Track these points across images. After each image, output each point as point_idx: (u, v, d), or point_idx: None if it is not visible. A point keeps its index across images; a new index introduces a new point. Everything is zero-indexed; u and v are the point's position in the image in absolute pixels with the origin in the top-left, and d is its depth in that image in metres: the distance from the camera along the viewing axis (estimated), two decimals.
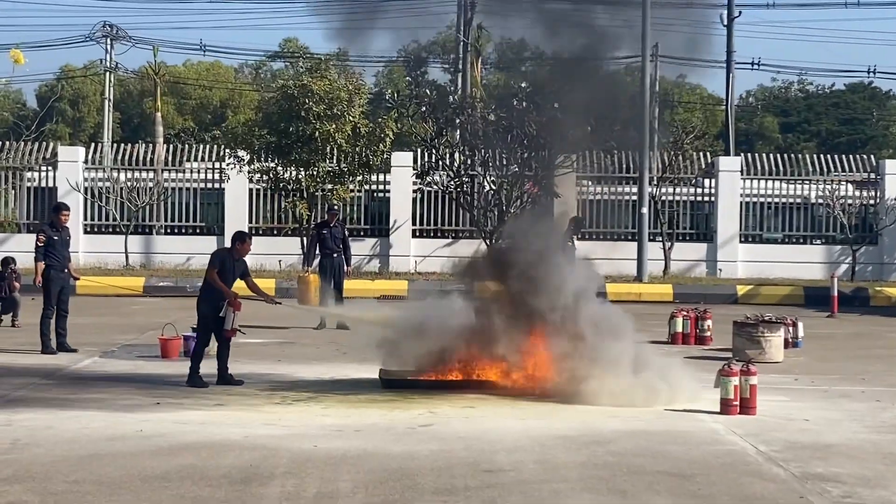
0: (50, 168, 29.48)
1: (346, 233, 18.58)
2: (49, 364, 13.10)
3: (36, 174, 29.75)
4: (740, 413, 10.14)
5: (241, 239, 12.27)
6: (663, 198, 29.49)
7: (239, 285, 12.01)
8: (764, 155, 31.81)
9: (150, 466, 7.93)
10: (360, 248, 28.90)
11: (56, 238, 14.21)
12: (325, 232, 17.74)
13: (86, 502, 7.01)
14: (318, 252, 18.00)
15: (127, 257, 27.82)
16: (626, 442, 9.03)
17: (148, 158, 30.58)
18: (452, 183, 28.27)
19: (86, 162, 29.78)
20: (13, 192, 30.03)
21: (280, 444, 8.72)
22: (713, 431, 9.55)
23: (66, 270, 14.34)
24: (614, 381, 10.68)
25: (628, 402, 10.46)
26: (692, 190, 30.57)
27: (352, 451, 8.53)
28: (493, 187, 28.05)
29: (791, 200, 30.55)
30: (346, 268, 17.99)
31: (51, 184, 29.19)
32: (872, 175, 30.24)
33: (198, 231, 30.06)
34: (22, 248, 24.43)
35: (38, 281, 14.14)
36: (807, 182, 30.50)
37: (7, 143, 30.91)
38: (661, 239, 28.86)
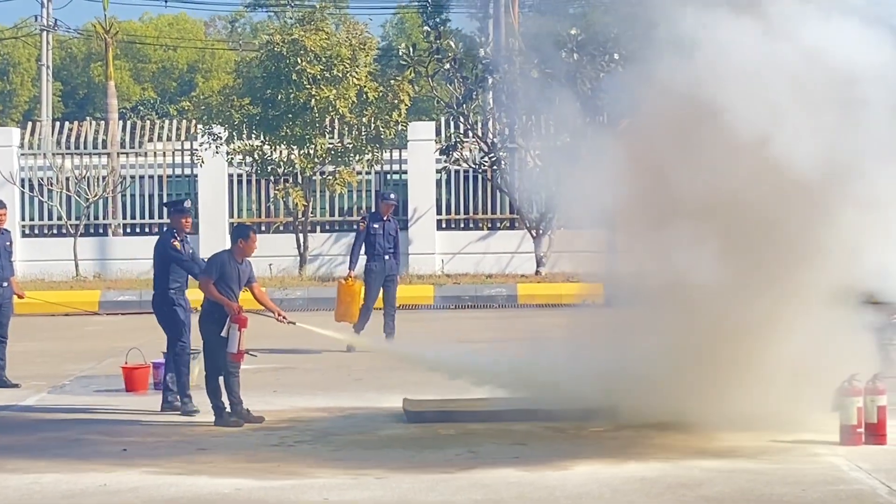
0: None
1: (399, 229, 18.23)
2: None
3: None
4: (866, 443, 10.12)
5: (243, 235, 12.30)
6: None
7: (245, 296, 12.09)
8: None
9: None
10: None
11: None
12: (376, 226, 17.35)
13: None
14: (364, 252, 17.63)
15: (77, 265, 27.98)
16: (723, 484, 9.01)
17: (100, 140, 30.76)
18: (487, 159, 28.31)
19: (21, 146, 30.00)
20: None
21: (281, 498, 8.76)
22: (833, 467, 9.52)
23: (5, 285, 14.44)
24: None
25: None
26: None
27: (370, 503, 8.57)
28: (539, 164, 28.07)
29: None
30: (397, 276, 17.79)
31: None
32: None
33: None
34: None
35: None
36: None
37: None
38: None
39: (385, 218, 17.49)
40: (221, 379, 11.84)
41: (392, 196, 18.16)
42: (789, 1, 10.87)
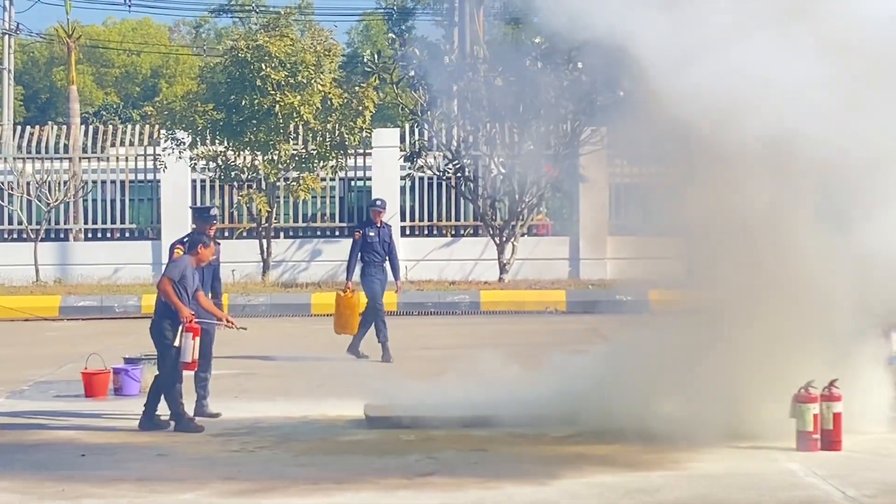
0: None
1: (392, 235, 17.98)
2: None
3: None
4: (822, 449, 10.21)
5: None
6: None
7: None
8: None
9: None
10: (335, 252, 28.92)
11: None
12: (372, 234, 17.16)
13: None
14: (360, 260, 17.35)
15: (37, 270, 27.85)
16: (681, 489, 9.09)
17: (61, 144, 30.64)
18: (450, 166, 28.38)
19: None
20: None
21: None
22: (789, 473, 9.61)
23: None
24: None
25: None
26: None
27: None
28: (502, 171, 28.15)
29: None
30: (396, 281, 17.64)
31: None
32: None
33: (127, 235, 30.16)
34: None
35: None
36: None
37: None
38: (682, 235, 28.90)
39: (378, 224, 17.34)
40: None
41: (379, 202, 17.97)
42: None
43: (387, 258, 17.24)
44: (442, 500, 8.84)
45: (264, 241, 28.03)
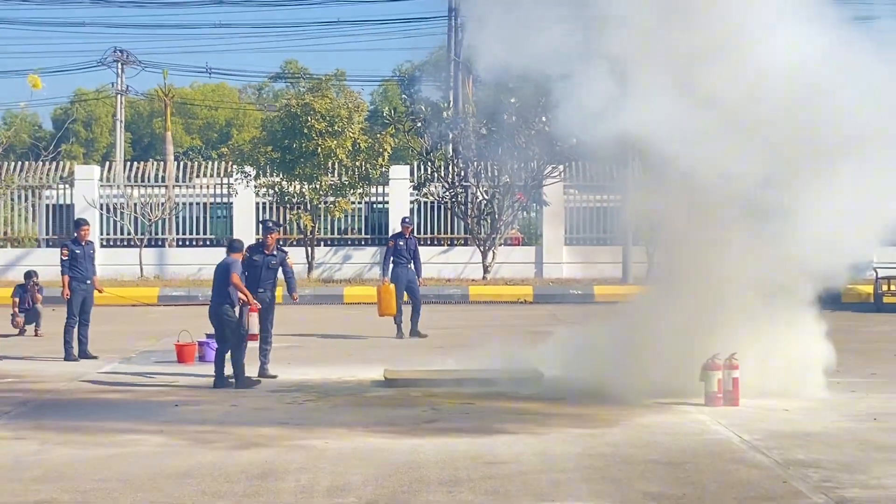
0: (67, 186, 29.50)
1: (418, 244, 17.84)
2: (72, 370, 13.11)
3: (54, 192, 29.77)
4: (724, 405, 10.17)
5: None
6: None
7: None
8: None
9: (171, 464, 7.96)
10: (362, 257, 28.93)
11: (78, 252, 14.30)
12: (401, 243, 17.12)
13: (112, 499, 7.03)
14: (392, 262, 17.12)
15: (141, 269, 27.80)
16: (618, 433, 9.07)
17: (159, 175, 30.59)
18: (447, 193, 28.36)
19: (101, 180, 29.79)
20: (33, 209, 30.05)
21: (293, 442, 8.75)
22: (699, 422, 9.58)
23: (88, 282, 14.39)
24: None
25: None
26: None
27: (361, 446, 8.56)
28: (486, 197, 28.15)
29: None
30: (418, 278, 17.26)
31: (68, 201, 29.22)
32: None
33: (208, 243, 30.08)
34: (42, 263, 24.47)
35: (66, 294, 14.19)
36: None
37: (26, 163, 30.91)
38: (644, 243, 28.89)
39: (407, 236, 17.22)
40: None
41: (407, 219, 17.99)
42: None
43: (412, 261, 17.09)
44: (442, 438, 8.82)
45: (309, 249, 27.97)
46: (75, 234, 14.66)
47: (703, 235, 10.81)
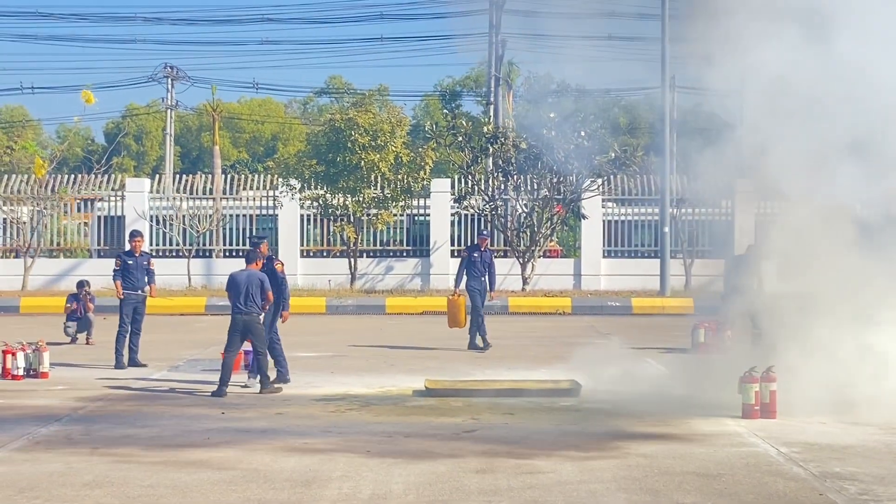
0: (119, 198, 29.84)
1: (493, 257, 17.20)
2: (122, 378, 13.25)
3: (106, 204, 30.12)
4: (761, 417, 10.06)
5: (253, 244, 13.04)
6: (683, 217, 29.35)
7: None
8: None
9: (217, 471, 8.00)
10: (403, 268, 28.97)
11: (131, 262, 14.47)
12: (475, 255, 16.57)
13: None
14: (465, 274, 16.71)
15: (189, 279, 28.04)
16: (656, 445, 9.01)
17: (207, 188, 30.86)
18: (487, 206, 28.36)
19: (151, 192, 30.11)
20: (86, 220, 30.43)
21: (336, 450, 8.76)
22: (736, 434, 9.50)
23: (139, 292, 14.54)
24: None
25: None
26: (710, 210, 30.40)
27: (402, 455, 8.56)
28: (525, 210, 28.12)
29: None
30: (489, 292, 16.69)
31: (119, 213, 29.55)
32: None
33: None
34: (94, 273, 24.74)
35: (120, 294, 14.48)
36: None
37: (79, 175, 31.31)
38: (681, 256, 28.75)
39: (482, 248, 16.70)
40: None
41: (486, 232, 17.39)
42: None
43: (486, 273, 16.58)
44: (483, 448, 8.81)
45: (352, 260, 28.08)
46: (129, 246, 14.85)
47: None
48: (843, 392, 10.19)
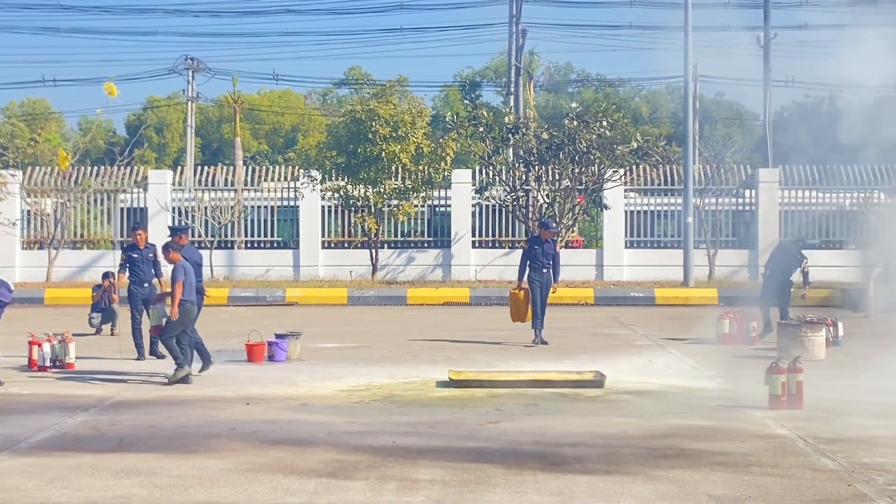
0: (141, 190, 29.97)
1: (558, 248, 16.70)
2: (144, 369, 13.30)
3: (128, 196, 30.26)
4: (788, 408, 10.03)
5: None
6: (707, 208, 29.23)
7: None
8: (801, 166, 31.08)
9: (244, 461, 8.04)
10: (424, 259, 29.00)
11: (136, 256, 14.55)
12: (537, 247, 16.05)
13: (188, 494, 7.12)
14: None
15: (212, 270, 28.09)
16: (684, 435, 8.98)
17: (228, 179, 30.95)
18: (509, 197, 28.33)
19: (173, 184, 30.22)
20: (108, 212, 30.58)
21: (361, 441, 8.78)
22: (764, 425, 9.46)
23: (146, 285, 14.59)
24: None
25: None
26: (734, 200, 30.28)
27: (427, 446, 8.57)
28: (547, 200, 28.06)
29: (827, 209, 30.16)
30: (553, 283, 16.13)
31: (142, 204, 29.70)
32: None
33: (275, 245, 30.36)
34: (116, 264, 24.81)
35: (121, 283, 14.97)
36: (842, 191, 30.06)
37: (102, 168, 31.45)
38: (705, 246, 28.64)
39: (545, 240, 16.16)
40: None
41: (553, 224, 16.61)
42: None
43: (549, 265, 16.08)
44: (508, 439, 8.80)
45: (373, 251, 28.11)
46: (131, 240, 14.96)
47: None
48: None
